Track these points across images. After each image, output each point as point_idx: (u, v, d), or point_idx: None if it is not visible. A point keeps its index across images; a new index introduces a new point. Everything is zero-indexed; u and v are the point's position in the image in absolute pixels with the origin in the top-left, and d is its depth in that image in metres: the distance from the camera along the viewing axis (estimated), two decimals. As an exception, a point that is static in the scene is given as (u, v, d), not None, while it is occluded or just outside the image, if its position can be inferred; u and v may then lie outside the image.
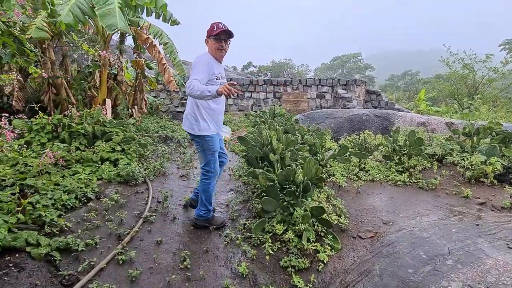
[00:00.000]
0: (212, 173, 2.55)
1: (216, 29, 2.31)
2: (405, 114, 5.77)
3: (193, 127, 2.42)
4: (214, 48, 2.37)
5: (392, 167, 4.03)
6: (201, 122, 2.41)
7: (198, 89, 2.09)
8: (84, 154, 3.60)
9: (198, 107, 2.41)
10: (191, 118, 2.44)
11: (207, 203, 2.62)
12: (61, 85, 5.29)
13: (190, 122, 2.45)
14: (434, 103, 22.64)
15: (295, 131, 4.86)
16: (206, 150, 2.48)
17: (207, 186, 2.56)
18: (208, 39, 2.39)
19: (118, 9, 3.85)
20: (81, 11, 3.77)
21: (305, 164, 2.78)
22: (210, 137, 2.45)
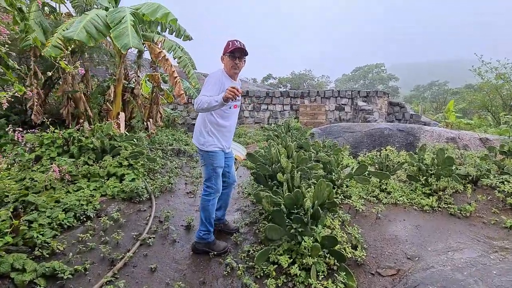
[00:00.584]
0: (212, 190, 2.46)
1: (231, 47, 2.32)
2: (432, 128, 5.29)
3: (199, 141, 2.43)
4: (228, 66, 2.38)
5: (418, 188, 3.61)
6: (206, 136, 2.40)
7: (205, 102, 2.10)
8: (92, 169, 3.57)
9: (205, 122, 2.41)
10: (198, 132, 2.46)
11: (206, 223, 2.48)
12: (80, 99, 5.44)
13: (197, 136, 2.46)
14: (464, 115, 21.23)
15: (309, 147, 4.57)
16: (208, 165, 2.43)
17: (206, 203, 2.46)
18: (223, 56, 2.41)
19: (131, 27, 3.89)
20: (95, 28, 3.85)
21: (316, 186, 2.50)
22: (214, 153, 2.41)
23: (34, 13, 4.09)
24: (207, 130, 2.39)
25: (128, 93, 6.71)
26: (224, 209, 2.87)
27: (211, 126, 2.39)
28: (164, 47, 4.85)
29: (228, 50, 2.33)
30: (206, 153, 2.41)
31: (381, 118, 9.18)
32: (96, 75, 6.88)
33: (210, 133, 2.39)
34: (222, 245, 2.57)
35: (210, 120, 2.39)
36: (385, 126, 5.42)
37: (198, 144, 2.45)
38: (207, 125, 2.39)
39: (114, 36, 3.66)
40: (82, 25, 3.62)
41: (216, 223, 2.81)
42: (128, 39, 3.77)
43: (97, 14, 3.88)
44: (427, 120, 9.42)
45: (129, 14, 3.90)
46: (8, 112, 4.88)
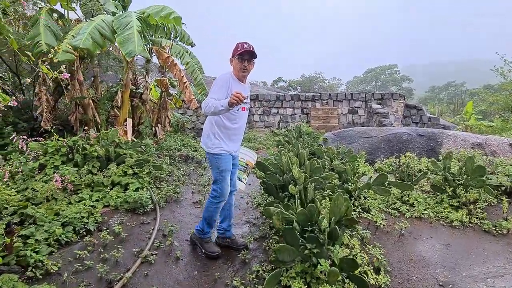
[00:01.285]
0: (217, 193, 2.41)
1: (240, 49, 2.27)
2: (455, 133, 4.91)
3: (206, 144, 2.41)
4: (237, 68, 2.34)
5: (444, 200, 3.28)
6: (213, 139, 2.38)
7: (212, 106, 2.10)
8: (95, 178, 3.44)
9: (213, 124, 2.39)
10: (206, 134, 2.44)
11: (205, 223, 2.51)
12: (88, 105, 5.40)
13: (204, 138, 2.46)
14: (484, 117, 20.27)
15: (322, 154, 4.31)
16: (214, 168, 2.42)
17: (210, 205, 2.45)
18: (232, 58, 2.36)
19: (136, 33, 3.78)
20: (100, 34, 3.76)
21: (333, 201, 2.26)
22: (219, 155, 2.37)
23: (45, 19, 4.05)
24: (214, 133, 2.37)
25: (137, 98, 6.65)
26: (229, 220, 2.70)
27: (218, 128, 2.37)
28: (172, 52, 4.73)
29: (237, 52, 2.28)
30: (212, 155, 2.38)
31: (397, 122, 8.77)
32: (106, 80, 6.87)
33: (217, 135, 2.37)
34: (214, 249, 2.52)
35: (217, 123, 2.36)
36: (404, 131, 5.08)
37: (205, 147, 2.43)
38: (214, 127, 2.37)
39: (119, 42, 3.56)
40: (87, 32, 3.54)
41: (222, 238, 2.69)
42: (133, 46, 3.66)
43: (103, 20, 3.80)
44: (447, 123, 8.94)
45: (136, 19, 3.79)
46: (16, 119, 4.87)
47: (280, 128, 10.35)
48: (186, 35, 5.15)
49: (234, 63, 2.33)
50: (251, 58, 2.33)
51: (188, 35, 5.26)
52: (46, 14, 3.99)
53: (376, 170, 4.77)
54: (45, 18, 3.86)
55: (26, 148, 3.54)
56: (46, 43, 3.68)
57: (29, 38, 3.73)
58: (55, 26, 4.17)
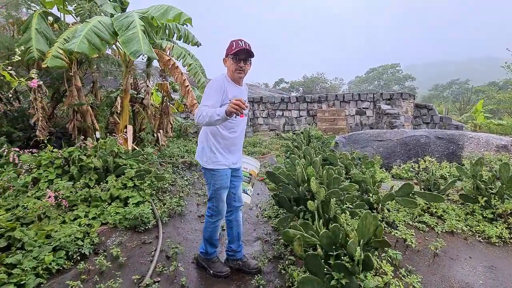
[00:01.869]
0: (214, 212, 2.19)
1: (234, 47, 2.00)
2: (477, 135, 4.59)
3: (201, 157, 2.16)
4: (232, 69, 2.06)
5: (476, 212, 2.97)
6: (208, 152, 2.11)
7: (206, 115, 1.81)
8: (93, 192, 3.17)
9: (208, 135, 2.13)
10: (200, 147, 2.19)
11: (207, 244, 2.30)
12: (87, 112, 5.15)
13: (199, 151, 2.20)
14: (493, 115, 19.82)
15: (336, 160, 4.01)
16: (209, 185, 2.15)
17: (207, 225, 2.25)
18: (226, 58, 2.09)
19: (141, 32, 3.52)
20: (98, 37, 3.50)
21: (360, 221, 1.96)
22: (216, 171, 2.10)
23: (37, 23, 3.81)
24: (210, 145, 2.10)
25: (138, 104, 6.41)
26: (238, 240, 2.41)
27: (214, 139, 2.10)
28: (173, 54, 4.47)
29: (231, 51, 2.01)
30: (208, 171, 2.12)
31: (408, 122, 8.44)
32: (106, 86, 6.63)
33: (213, 148, 2.10)
34: (223, 268, 2.29)
35: (213, 133, 2.10)
36: (421, 134, 4.77)
37: (200, 161, 2.17)
38: (209, 138, 2.11)
39: (122, 41, 3.28)
40: (83, 35, 3.28)
41: (233, 260, 2.41)
42: (138, 46, 3.37)
43: (100, 21, 3.54)
44: (459, 124, 8.59)
45: (138, 19, 3.52)
46: (11, 128, 4.62)
47: (285, 131, 10.05)
48: (190, 34, 4.90)
49: (229, 63, 2.06)
50: (247, 58, 2.05)
51: (193, 35, 5.00)
52: (39, 18, 3.74)
53: (393, 176, 4.46)
54: (37, 22, 3.61)
55: (18, 161, 3.28)
56: (38, 49, 3.44)
57: (20, 43, 3.49)
58: (49, 30, 3.92)
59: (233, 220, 2.38)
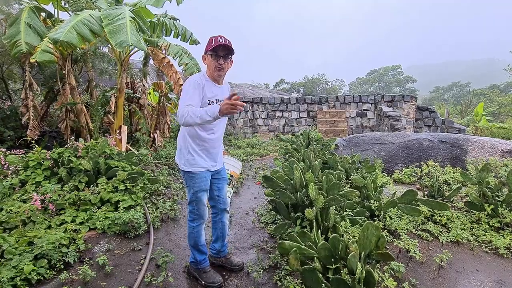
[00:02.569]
0: (195, 216, 2.11)
1: (213, 43, 1.85)
2: (482, 139, 4.45)
3: (179, 160, 2.06)
4: (212, 67, 1.92)
5: (483, 220, 2.83)
6: (186, 154, 2.01)
7: (195, 115, 1.66)
8: (82, 195, 3.04)
9: (185, 136, 2.01)
10: (178, 149, 2.09)
11: (195, 251, 2.18)
12: (81, 111, 5.02)
13: (177, 153, 2.10)
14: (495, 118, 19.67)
15: (336, 164, 3.88)
16: (189, 188, 2.05)
17: (190, 230, 2.13)
18: (205, 55, 1.95)
19: (129, 23, 3.34)
20: (88, 28, 3.34)
21: (361, 232, 1.83)
22: (194, 174, 2.00)
23: (27, 17, 3.67)
24: (188, 147, 2.00)
25: (134, 103, 6.28)
26: (222, 240, 2.37)
27: (191, 141, 1.99)
28: (169, 52, 4.34)
29: (210, 47, 1.86)
30: (186, 174, 2.02)
31: (409, 125, 8.31)
32: (102, 85, 6.50)
33: (191, 149, 1.99)
34: (215, 278, 2.16)
35: (190, 134, 1.98)
36: (424, 137, 4.63)
37: (179, 163, 2.07)
38: (187, 140, 2.00)
39: (108, 31, 3.08)
40: (71, 25, 3.14)
41: (216, 257, 2.40)
42: (125, 36, 3.17)
43: (91, 15, 3.39)
44: (462, 127, 8.45)
45: (128, 11, 3.37)
46: (2, 127, 4.49)
47: (285, 132, 9.91)
48: (188, 32, 4.76)
49: (208, 61, 1.92)
50: (227, 55, 1.91)
51: (191, 33, 4.86)
52: (30, 12, 3.61)
53: (395, 180, 4.33)
54: (28, 16, 3.48)
55: (5, 162, 3.16)
56: (26, 42, 3.30)
57: (7, 37, 3.35)
58: (40, 24, 3.79)
59: (218, 221, 2.32)
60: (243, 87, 19.80)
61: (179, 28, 4.64)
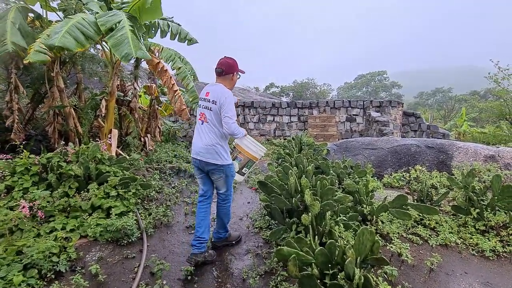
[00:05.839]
0: (231, 196, 2.72)
1: (238, 66, 2.51)
2: (466, 144, 4.64)
3: (221, 157, 2.45)
4: (233, 84, 2.56)
5: (469, 223, 2.95)
6: (228, 151, 2.53)
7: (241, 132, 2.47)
8: (72, 202, 2.96)
9: (224, 139, 2.50)
10: (218, 148, 2.45)
11: (227, 224, 2.76)
12: (70, 115, 4.89)
13: (216, 153, 2.44)
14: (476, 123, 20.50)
15: (329, 169, 3.94)
16: (229, 177, 2.56)
17: (228, 209, 2.69)
18: (235, 73, 2.51)
19: (130, 33, 3.32)
20: (82, 33, 3.30)
21: (357, 238, 1.87)
22: (231, 165, 2.57)
23: (13, 17, 3.57)
24: (224, 145, 2.49)
25: (125, 106, 6.18)
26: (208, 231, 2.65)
27: (225, 141, 2.51)
28: (162, 56, 4.31)
29: (239, 70, 2.51)
30: (227, 166, 2.49)
31: (396, 130, 8.54)
32: (92, 88, 6.35)
33: (227, 147, 2.52)
34: (235, 235, 2.92)
35: (225, 135, 2.47)
36: (412, 143, 4.78)
37: (218, 161, 2.44)
38: (225, 141, 2.50)
39: (112, 44, 3.10)
40: (65, 30, 3.07)
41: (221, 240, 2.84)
42: (129, 49, 3.17)
43: (84, 18, 3.34)
44: (446, 132, 8.77)
45: (126, 18, 3.34)
46: (-15, 130, 4.32)
47: (276, 137, 9.98)
48: (183, 32, 4.70)
49: (235, 78, 2.53)
50: None
51: (187, 32, 4.81)
52: (16, 12, 3.51)
53: (384, 185, 4.44)
54: (14, 16, 3.38)
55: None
56: (13, 41, 3.20)
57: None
58: (25, 25, 3.68)
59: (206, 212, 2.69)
60: (234, 90, 19.81)
61: (173, 28, 4.59)
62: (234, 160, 2.75)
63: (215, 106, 2.37)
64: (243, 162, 2.72)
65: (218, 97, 2.35)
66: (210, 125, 2.42)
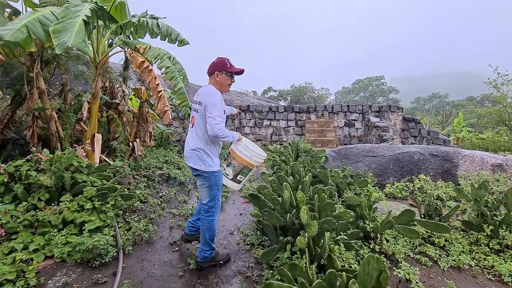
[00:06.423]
0: (215, 209, 2.45)
1: (230, 66, 2.34)
2: (472, 153, 4.39)
3: (204, 163, 2.33)
4: (225, 84, 2.38)
5: (482, 241, 2.67)
6: (213, 158, 2.37)
7: (228, 135, 2.25)
8: (41, 216, 2.63)
9: (209, 142, 2.35)
10: (201, 153, 2.33)
11: (211, 242, 2.47)
12: (51, 118, 4.57)
13: (199, 157, 2.33)
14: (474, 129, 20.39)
15: (327, 179, 3.66)
16: (213, 185, 2.38)
17: (211, 224, 2.43)
18: (219, 72, 2.34)
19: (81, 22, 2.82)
20: (43, 29, 2.92)
21: (362, 267, 1.59)
22: (219, 172, 2.40)
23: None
24: (212, 151, 2.36)
25: (112, 109, 5.87)
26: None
27: (213, 146, 2.37)
28: (148, 55, 4.02)
29: (228, 69, 2.33)
30: (212, 174, 2.33)
31: (396, 136, 8.30)
32: (76, 89, 6.04)
33: (215, 153, 2.39)
34: (224, 253, 2.62)
35: (212, 140, 2.34)
36: (415, 150, 4.52)
37: (201, 167, 2.32)
38: (211, 146, 2.36)
39: (53, 31, 2.66)
40: (23, 23, 2.75)
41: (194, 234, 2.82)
42: (68, 36, 2.76)
43: (53, 12, 3.03)
44: (446, 138, 8.55)
45: (89, 9, 2.99)
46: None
47: (272, 141, 9.70)
48: (174, 32, 4.43)
49: (222, 78, 2.34)
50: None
51: (178, 33, 4.53)
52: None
53: (386, 195, 4.15)
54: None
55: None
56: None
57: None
58: (3, 20, 3.38)
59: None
60: (231, 94, 19.59)
61: (163, 28, 4.32)
62: (228, 166, 2.54)
63: (201, 107, 2.28)
64: (237, 168, 2.50)
65: (203, 98, 2.26)
66: (196, 129, 2.35)
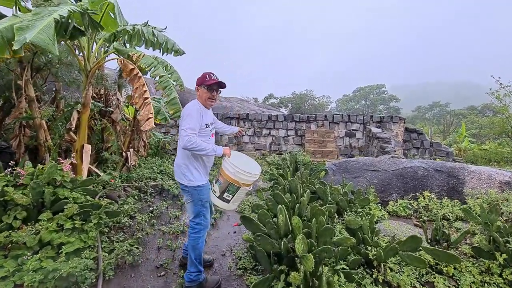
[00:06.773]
0: (202, 226, 2.36)
1: (208, 80, 2.33)
2: (479, 169, 4.18)
3: (184, 177, 2.31)
4: (204, 98, 2.37)
5: (494, 270, 2.44)
6: (193, 172, 2.30)
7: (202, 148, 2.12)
8: (15, 237, 2.43)
9: (189, 156, 2.32)
10: (182, 168, 2.33)
11: (197, 263, 2.33)
12: (40, 127, 4.39)
13: (181, 172, 2.33)
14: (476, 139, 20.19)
15: (327, 196, 3.45)
16: (196, 201, 2.32)
17: (196, 242, 2.32)
18: (198, 87, 2.38)
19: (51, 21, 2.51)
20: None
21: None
22: (201, 187, 2.33)
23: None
24: (192, 164, 2.31)
25: (106, 118, 5.70)
26: None
27: (195, 160, 2.32)
28: (141, 63, 3.87)
29: (205, 82, 2.33)
30: (194, 188, 2.29)
31: (398, 147, 8.11)
32: (68, 97, 5.89)
33: (197, 167, 2.32)
34: (214, 280, 2.43)
35: (193, 154, 2.29)
36: (419, 165, 4.32)
37: (185, 181, 2.30)
38: (192, 159, 2.31)
39: (17, 28, 2.41)
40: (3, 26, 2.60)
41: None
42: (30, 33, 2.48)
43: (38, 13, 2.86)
44: (449, 150, 8.35)
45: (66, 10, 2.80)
46: None
47: (271, 151, 9.50)
48: (169, 42, 4.30)
49: (201, 92, 2.35)
50: (218, 88, 2.40)
51: (174, 42, 4.40)
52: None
53: (389, 213, 3.93)
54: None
55: None
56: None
57: None
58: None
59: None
60: (231, 100, 19.52)
61: (159, 37, 4.19)
62: (216, 183, 2.36)
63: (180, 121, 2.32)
64: (223, 185, 2.29)
65: (182, 112, 2.30)
66: (179, 142, 2.31)
